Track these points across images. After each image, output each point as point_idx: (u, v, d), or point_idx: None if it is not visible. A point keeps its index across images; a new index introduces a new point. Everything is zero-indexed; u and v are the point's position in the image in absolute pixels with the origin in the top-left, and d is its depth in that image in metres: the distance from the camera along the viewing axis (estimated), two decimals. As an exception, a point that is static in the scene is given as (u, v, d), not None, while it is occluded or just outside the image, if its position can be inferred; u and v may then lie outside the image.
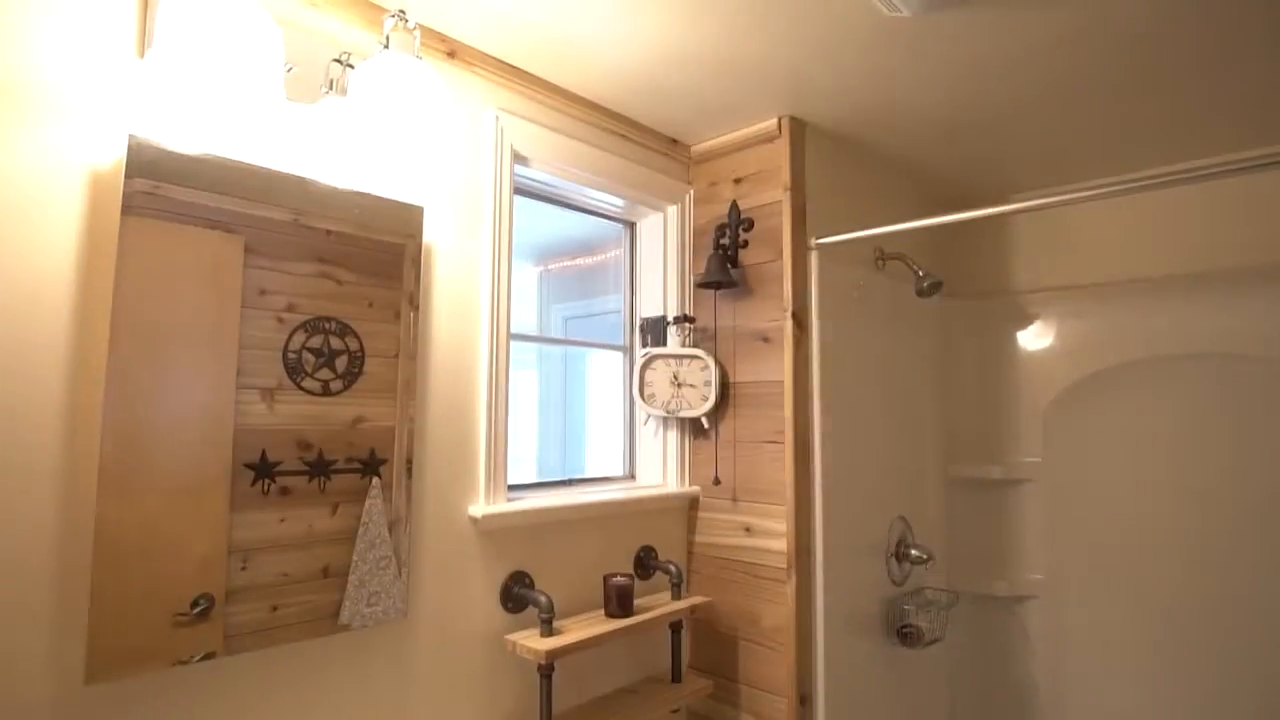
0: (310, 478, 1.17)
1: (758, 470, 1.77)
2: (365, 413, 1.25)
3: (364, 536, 1.24)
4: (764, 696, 1.71)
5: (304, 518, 1.16)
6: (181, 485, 1.03)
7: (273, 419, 1.13)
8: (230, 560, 1.08)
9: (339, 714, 1.23)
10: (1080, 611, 2.14)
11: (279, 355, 1.15)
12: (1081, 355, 2.18)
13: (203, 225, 1.07)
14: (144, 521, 1.00)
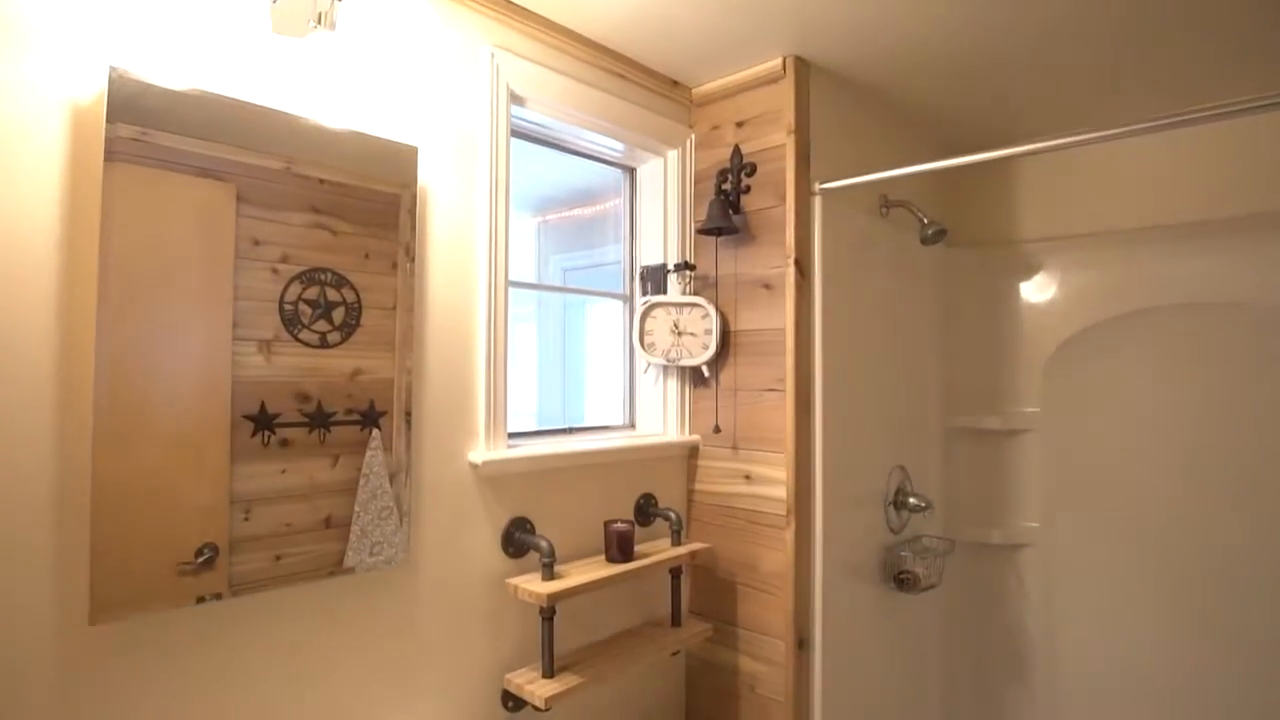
0: (310, 429, 1.17)
1: (758, 418, 1.76)
2: (364, 365, 1.24)
3: (365, 487, 1.24)
4: (762, 639, 1.74)
5: (305, 469, 1.16)
6: (181, 436, 1.03)
7: (271, 371, 1.12)
8: (233, 511, 1.08)
9: (344, 653, 1.25)
10: (1074, 559, 2.17)
11: (275, 307, 1.13)
12: (1084, 305, 2.16)
13: (192, 173, 1.04)
14: (144, 471, 1.00)
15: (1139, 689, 2.05)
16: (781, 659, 1.71)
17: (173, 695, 1.06)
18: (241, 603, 1.13)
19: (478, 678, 1.45)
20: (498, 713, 1.48)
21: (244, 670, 1.13)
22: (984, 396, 2.32)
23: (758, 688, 1.75)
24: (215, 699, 1.10)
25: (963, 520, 2.32)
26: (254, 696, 1.14)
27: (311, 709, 1.21)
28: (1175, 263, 2.00)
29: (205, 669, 1.09)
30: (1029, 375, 2.25)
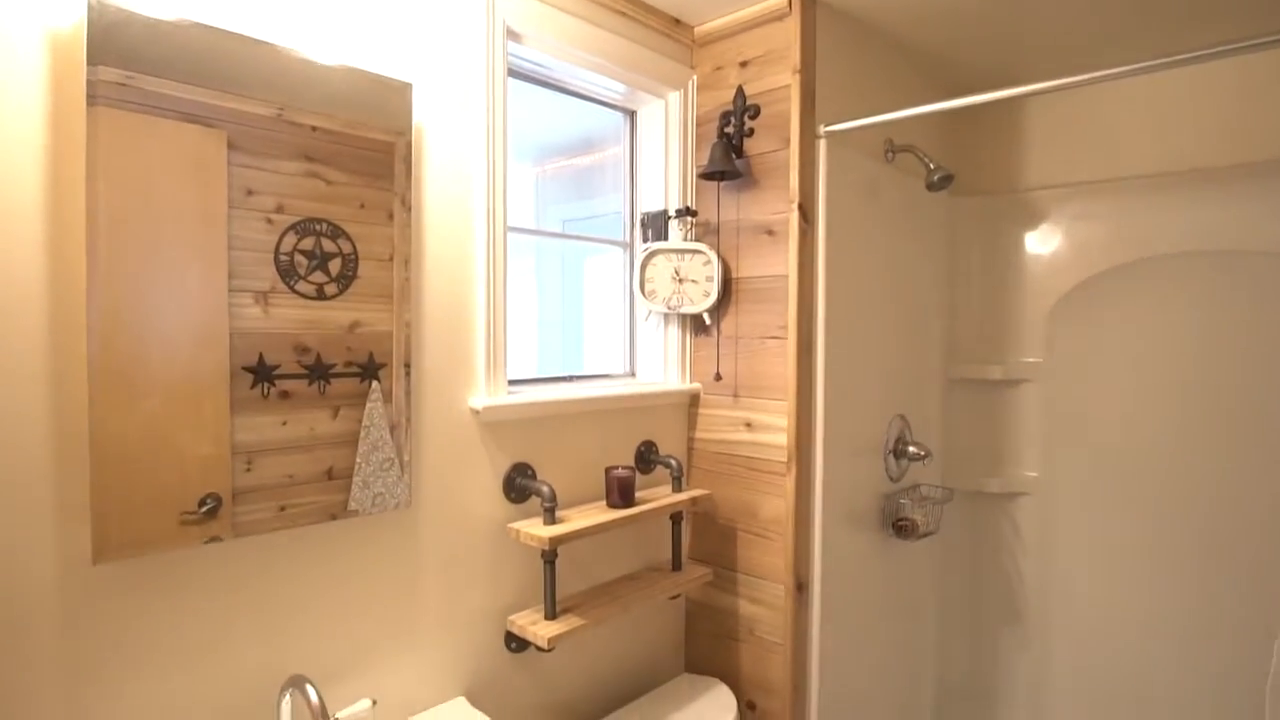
0: (310, 381, 1.16)
1: (759, 366, 1.76)
2: (362, 317, 1.23)
3: (366, 439, 1.24)
4: (761, 584, 1.76)
5: (305, 421, 1.16)
6: (180, 387, 1.02)
7: (268, 322, 1.11)
8: (235, 462, 1.08)
9: (349, 595, 1.26)
10: (1071, 509, 2.18)
11: (270, 258, 1.11)
12: (1088, 255, 2.13)
13: (179, 118, 1.01)
14: (143, 422, 0.99)
15: (1131, 635, 2.08)
16: (780, 603, 1.73)
17: (178, 632, 1.07)
18: (245, 543, 1.14)
19: (481, 619, 1.47)
20: (501, 653, 1.51)
21: (249, 609, 1.15)
22: (986, 346, 2.31)
23: (756, 630, 1.78)
24: (221, 636, 1.12)
25: (961, 469, 2.34)
26: (259, 634, 1.16)
27: (317, 647, 1.22)
28: (1181, 210, 1.97)
29: (210, 607, 1.10)
30: (1032, 325, 2.24)
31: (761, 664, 1.77)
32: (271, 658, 1.17)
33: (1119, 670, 2.10)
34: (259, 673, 1.16)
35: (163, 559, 1.05)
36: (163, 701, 1.06)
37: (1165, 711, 2.02)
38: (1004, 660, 2.31)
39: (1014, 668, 2.29)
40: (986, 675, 2.34)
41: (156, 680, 1.05)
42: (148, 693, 1.05)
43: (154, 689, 1.05)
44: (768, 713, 1.77)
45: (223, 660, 1.12)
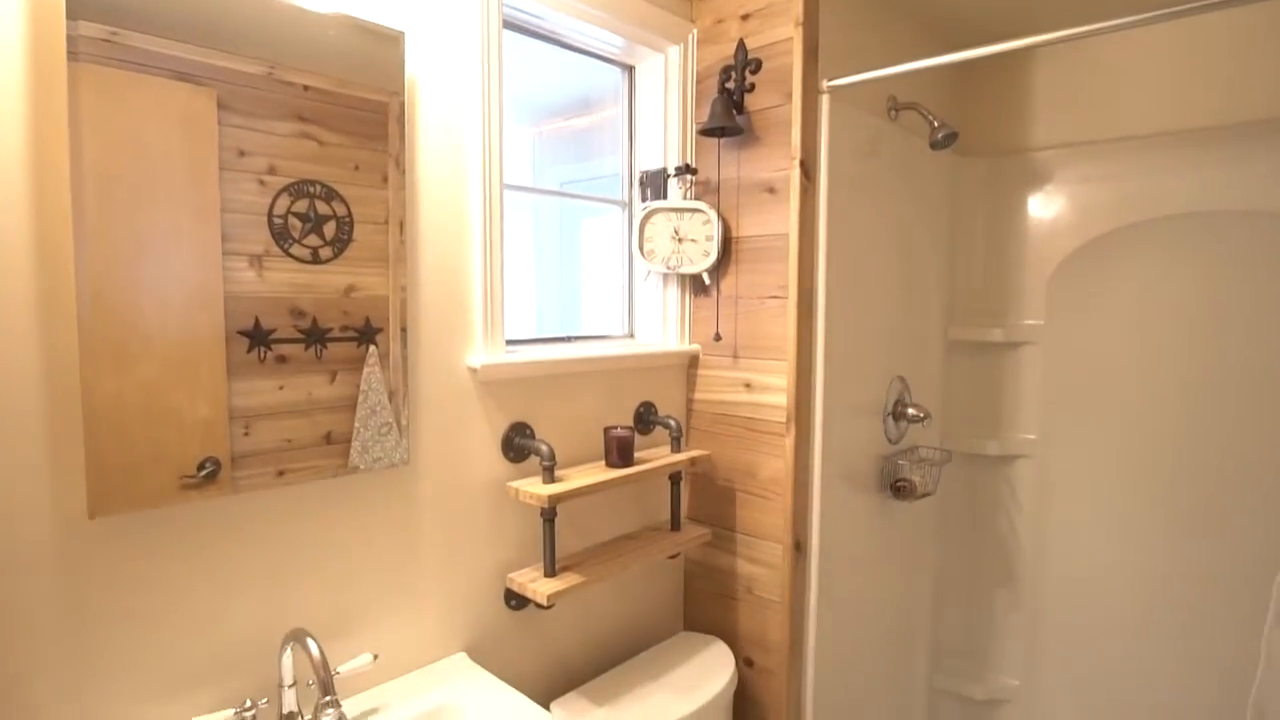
0: (306, 346, 1.15)
1: (759, 326, 1.74)
2: (358, 281, 1.21)
3: (364, 404, 1.23)
4: (760, 543, 1.77)
5: (303, 385, 1.15)
6: (175, 351, 1.01)
7: (263, 286, 1.10)
8: (232, 426, 1.07)
9: (349, 551, 1.27)
10: (1069, 472, 2.19)
11: (264, 220, 1.10)
12: (1093, 216, 2.11)
13: (167, 75, 0.99)
14: (138, 385, 0.98)
15: (1124, 597, 2.10)
16: (778, 562, 1.74)
17: (178, 585, 1.07)
18: (244, 499, 1.13)
19: (481, 577, 1.47)
20: (501, 611, 1.52)
21: (249, 564, 1.15)
22: (987, 309, 2.30)
23: (755, 589, 1.80)
24: (221, 589, 1.12)
25: (960, 432, 2.34)
26: (260, 589, 1.16)
27: (318, 602, 1.23)
28: (1187, 170, 1.94)
29: (210, 561, 1.11)
30: (1034, 287, 2.22)
31: (759, 622, 1.79)
32: (272, 612, 1.18)
33: (1111, 631, 2.13)
34: (260, 626, 1.16)
35: (161, 514, 1.05)
36: (165, 653, 1.07)
37: (1157, 672, 2.05)
38: (998, 620, 2.34)
39: (1007, 627, 2.32)
40: (980, 634, 2.37)
41: (158, 632, 1.06)
42: (149, 645, 1.05)
43: (155, 641, 1.06)
44: (765, 669, 1.79)
45: (223, 613, 1.12)
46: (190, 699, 1.10)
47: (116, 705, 1.03)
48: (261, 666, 1.17)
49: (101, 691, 1.01)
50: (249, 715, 1.09)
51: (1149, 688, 2.06)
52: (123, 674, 1.03)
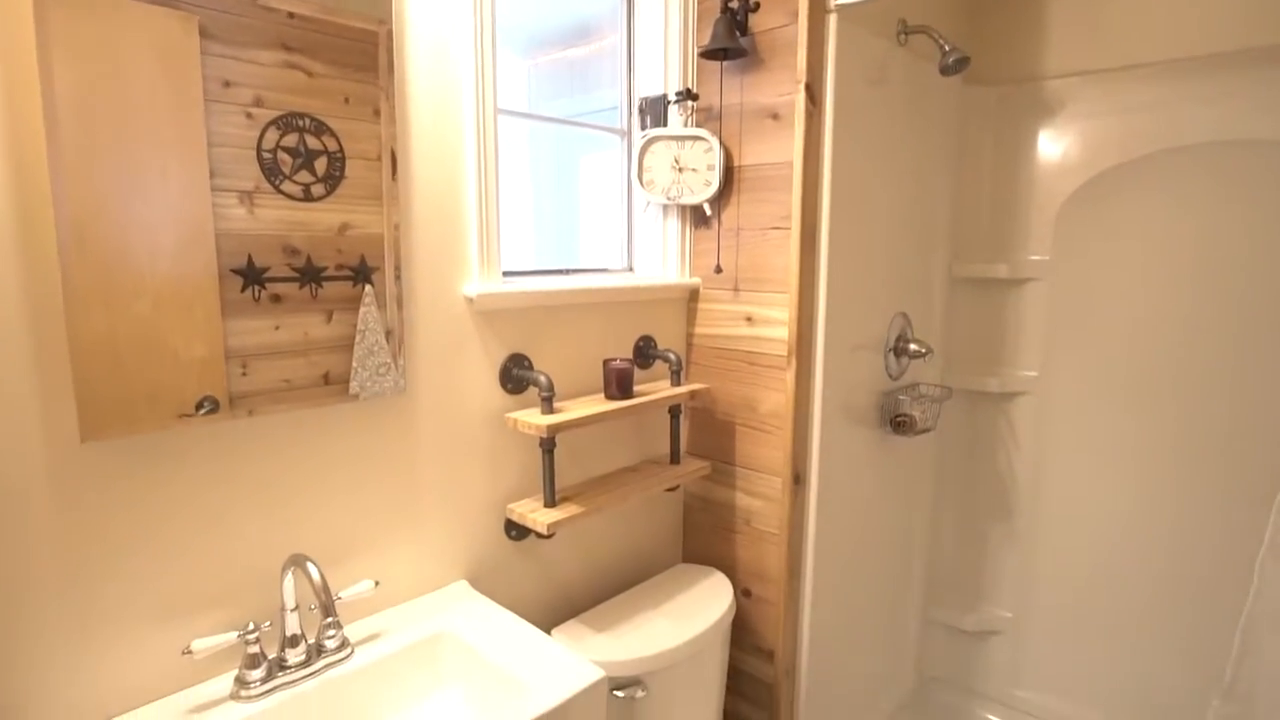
0: (301, 285, 1.13)
1: (761, 258, 1.71)
2: (351, 219, 1.18)
3: (361, 344, 1.22)
4: (759, 476, 1.78)
5: (299, 325, 1.13)
6: (166, 289, 0.99)
7: (255, 224, 1.07)
8: (229, 366, 1.06)
9: (348, 482, 1.26)
10: (1069, 409, 2.18)
11: (253, 155, 1.06)
12: (1104, 147, 2.04)
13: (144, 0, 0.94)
14: (130, 324, 0.96)
15: (1119, 534, 2.12)
16: (777, 495, 1.75)
17: (175, 510, 1.07)
18: (242, 425, 1.12)
19: (481, 507, 1.48)
20: (502, 541, 1.53)
21: (247, 489, 1.14)
22: (993, 244, 2.25)
23: (753, 522, 1.81)
24: (220, 515, 1.12)
25: (961, 368, 2.33)
26: (259, 514, 1.16)
27: (319, 529, 1.23)
28: (1205, 98, 1.87)
29: (207, 486, 1.10)
30: (1041, 222, 2.17)
31: (758, 554, 1.81)
32: (273, 537, 1.18)
33: (1105, 566, 2.15)
34: (261, 552, 1.17)
35: (156, 439, 1.04)
36: (165, 577, 1.07)
37: (1150, 606, 2.08)
38: (992, 554, 2.37)
39: (1001, 561, 2.35)
40: (974, 568, 2.40)
41: (157, 556, 1.06)
42: (149, 568, 1.05)
43: (155, 565, 1.06)
44: (763, 599, 1.82)
45: (224, 538, 1.12)
46: (193, 622, 1.11)
47: (119, 629, 1.03)
48: (264, 591, 1.18)
49: (104, 615, 1.02)
50: (252, 638, 1.10)
51: (1141, 621, 2.10)
52: (124, 597, 1.03)
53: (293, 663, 1.13)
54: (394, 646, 1.22)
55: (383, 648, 1.22)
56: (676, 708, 1.56)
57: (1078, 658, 2.22)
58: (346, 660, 1.18)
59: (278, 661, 1.13)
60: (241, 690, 1.09)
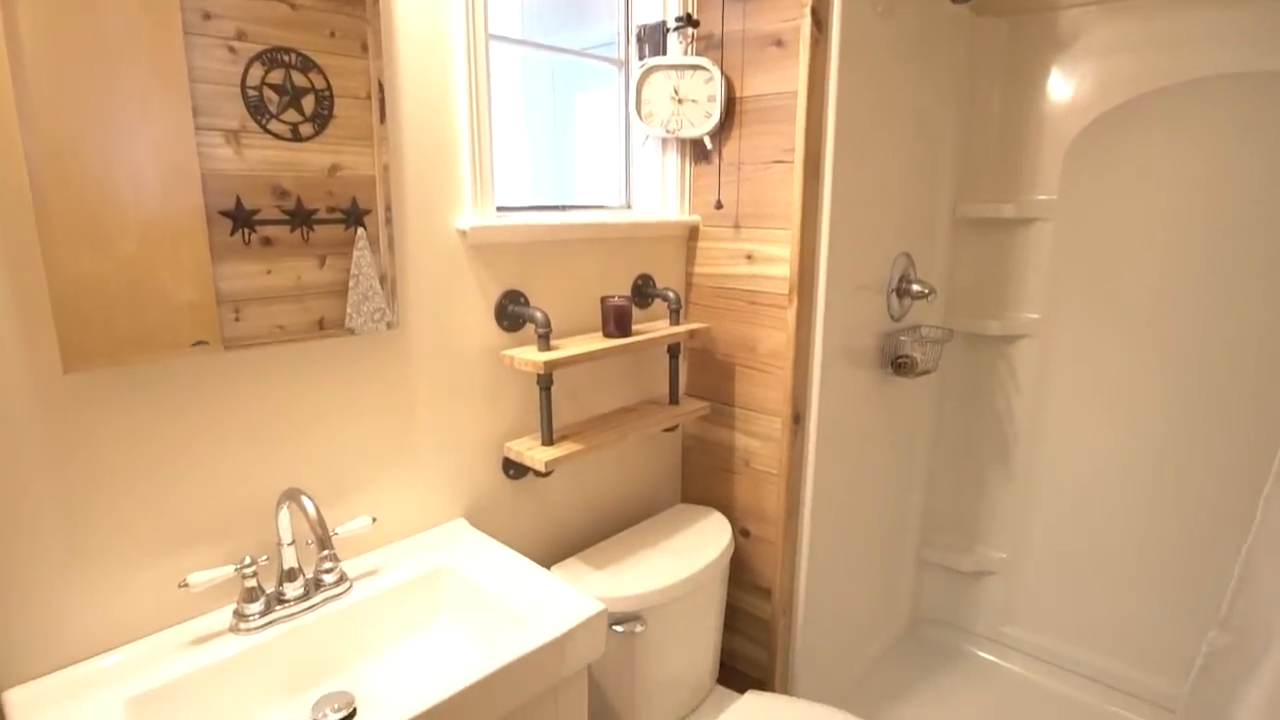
0: (292, 228, 1.09)
1: (763, 193, 1.66)
2: (341, 160, 1.13)
3: (355, 289, 1.19)
4: (758, 417, 1.76)
5: (291, 270, 1.10)
6: (152, 232, 0.96)
7: (242, 164, 1.03)
8: (222, 311, 1.03)
9: (344, 417, 1.24)
10: (1070, 352, 2.16)
11: (238, 92, 1.01)
12: (1117, 80, 1.97)
13: None
14: (117, 266, 0.94)
15: (1117, 477, 2.12)
16: (777, 435, 1.74)
17: (167, 443, 1.05)
18: (233, 357, 1.10)
19: (478, 446, 1.46)
20: (500, 479, 1.52)
21: (241, 423, 1.12)
22: (999, 183, 2.20)
23: (752, 462, 1.80)
24: (213, 447, 1.10)
25: (963, 311, 2.30)
26: (254, 447, 1.14)
27: (315, 465, 1.22)
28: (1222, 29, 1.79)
29: (201, 419, 1.08)
30: (1049, 161, 2.11)
31: (756, 494, 1.81)
32: (269, 471, 1.16)
33: (1101, 508, 2.16)
34: (257, 486, 1.15)
35: (147, 372, 1.01)
36: (159, 511, 1.06)
37: (1146, 548, 2.10)
38: (989, 496, 2.38)
39: (998, 503, 2.36)
40: (970, 509, 2.42)
41: (150, 490, 1.04)
42: (142, 502, 1.04)
43: (148, 498, 1.04)
44: (761, 539, 1.82)
45: (217, 473, 1.11)
46: (188, 556, 1.10)
47: (114, 561, 1.02)
48: (260, 526, 1.16)
49: (98, 547, 1.01)
50: (249, 571, 1.09)
51: (1135, 562, 2.12)
52: (118, 530, 1.02)
53: (291, 596, 1.13)
54: (393, 581, 1.22)
55: (382, 582, 1.21)
56: (675, 643, 1.58)
57: (1071, 597, 2.25)
58: (345, 594, 1.17)
59: (276, 595, 1.13)
60: (240, 623, 1.08)
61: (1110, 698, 2.17)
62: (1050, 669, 2.29)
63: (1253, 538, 1.28)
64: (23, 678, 0.96)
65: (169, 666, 1.00)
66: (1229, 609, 1.33)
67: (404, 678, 1.14)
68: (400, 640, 1.21)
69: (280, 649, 1.08)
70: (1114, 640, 2.18)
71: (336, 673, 1.13)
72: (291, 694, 1.08)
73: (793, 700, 1.65)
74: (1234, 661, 1.33)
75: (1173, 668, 2.05)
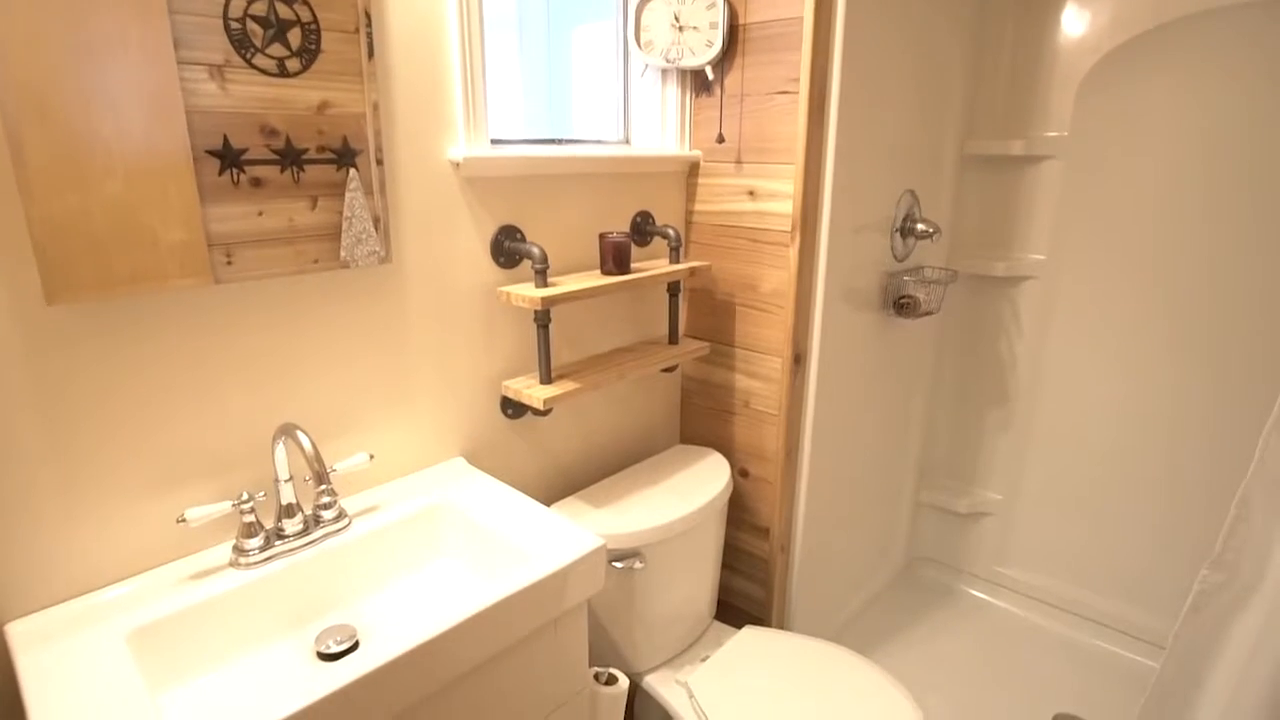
0: (282, 168, 1.06)
1: (766, 127, 1.61)
2: (331, 97, 1.09)
3: (349, 231, 1.15)
4: (759, 357, 1.75)
5: (283, 211, 1.07)
6: (137, 170, 0.92)
7: (228, 100, 0.99)
8: (213, 254, 1.00)
9: (338, 349, 1.22)
10: (1075, 295, 2.13)
11: (220, 25, 0.96)
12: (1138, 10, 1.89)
13: None
14: (101, 204, 0.90)
15: (1115, 421, 2.12)
16: (777, 376, 1.72)
17: (159, 378, 1.03)
18: (225, 290, 1.07)
19: (476, 384, 1.45)
20: (499, 418, 1.51)
21: (234, 358, 1.10)
22: (1009, 120, 2.13)
23: (752, 403, 1.79)
24: (206, 382, 1.08)
25: (968, 251, 2.26)
26: (246, 384, 1.12)
27: (311, 402, 1.20)
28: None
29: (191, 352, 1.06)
30: (1061, 96, 2.04)
31: (756, 435, 1.81)
32: (265, 407, 1.15)
33: (1098, 451, 2.16)
34: (252, 422, 1.14)
35: (137, 305, 0.99)
36: (152, 447, 1.04)
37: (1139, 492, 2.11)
38: (987, 439, 2.38)
39: (996, 446, 2.37)
40: (968, 452, 2.43)
41: (143, 425, 1.03)
42: (135, 437, 1.02)
43: (141, 433, 1.03)
44: (760, 479, 1.83)
45: (212, 408, 1.09)
46: (184, 492, 1.09)
47: (109, 497, 1.02)
48: (257, 462, 1.16)
49: (93, 483, 1.00)
50: (247, 508, 1.09)
51: (1130, 505, 2.13)
52: (112, 466, 1.01)
53: (290, 532, 1.13)
54: (392, 517, 1.22)
55: (381, 518, 1.21)
56: (674, 579, 1.59)
57: (1066, 538, 2.28)
58: (345, 530, 1.17)
59: (275, 531, 1.13)
60: (240, 558, 1.08)
61: (1101, 634, 2.22)
62: (1043, 607, 2.34)
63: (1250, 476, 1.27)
64: (23, 610, 0.96)
65: (170, 600, 1.00)
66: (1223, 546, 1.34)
67: (405, 611, 1.15)
68: (401, 575, 1.22)
69: (281, 584, 1.08)
70: (1107, 580, 2.22)
71: (338, 607, 1.14)
72: (293, 627, 1.09)
73: (789, 634, 1.68)
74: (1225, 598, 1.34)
75: (1165, 606, 2.09)
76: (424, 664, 0.92)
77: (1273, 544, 1.26)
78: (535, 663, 1.11)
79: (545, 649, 1.12)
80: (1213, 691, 1.31)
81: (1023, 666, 2.14)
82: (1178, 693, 1.34)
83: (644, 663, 1.62)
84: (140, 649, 0.93)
